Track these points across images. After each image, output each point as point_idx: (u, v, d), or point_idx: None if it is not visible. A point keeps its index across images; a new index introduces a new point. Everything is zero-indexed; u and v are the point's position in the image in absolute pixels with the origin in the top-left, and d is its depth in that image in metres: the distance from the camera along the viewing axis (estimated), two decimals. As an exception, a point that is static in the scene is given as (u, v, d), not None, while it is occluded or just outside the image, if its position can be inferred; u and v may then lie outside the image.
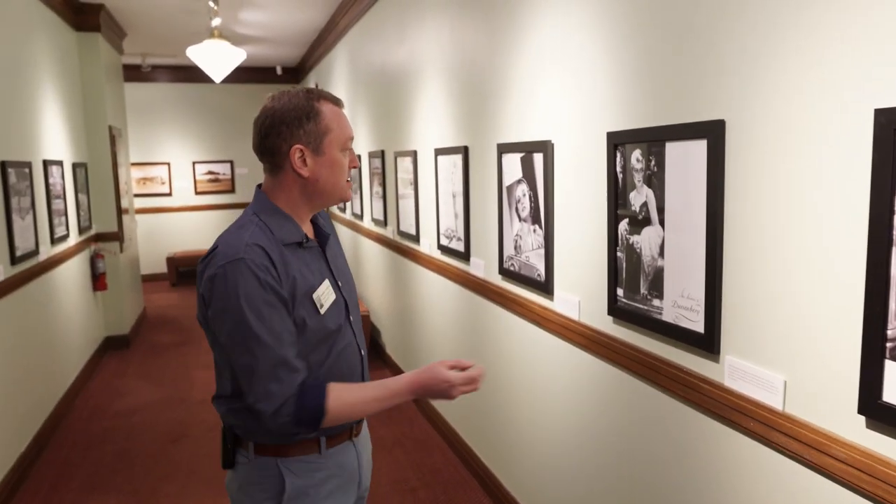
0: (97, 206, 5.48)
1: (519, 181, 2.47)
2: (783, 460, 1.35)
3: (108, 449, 3.63)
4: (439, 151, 3.32)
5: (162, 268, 8.68)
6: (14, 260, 3.39)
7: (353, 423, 1.47)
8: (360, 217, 5.48)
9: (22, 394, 3.43)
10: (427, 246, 3.70)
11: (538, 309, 2.38)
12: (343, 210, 6.32)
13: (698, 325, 1.57)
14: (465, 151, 2.99)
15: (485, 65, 2.74)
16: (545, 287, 2.32)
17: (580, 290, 2.12)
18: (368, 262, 5.36)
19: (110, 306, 5.59)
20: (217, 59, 4.62)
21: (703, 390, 1.56)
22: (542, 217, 2.31)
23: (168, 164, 8.69)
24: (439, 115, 3.33)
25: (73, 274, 4.67)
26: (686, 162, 1.57)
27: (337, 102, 1.42)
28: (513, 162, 2.50)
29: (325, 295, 1.39)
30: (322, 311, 1.37)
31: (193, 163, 8.80)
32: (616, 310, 1.90)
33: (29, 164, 3.73)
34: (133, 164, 7.86)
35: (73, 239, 4.76)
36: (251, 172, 9.02)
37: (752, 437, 1.44)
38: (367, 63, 4.95)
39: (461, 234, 3.12)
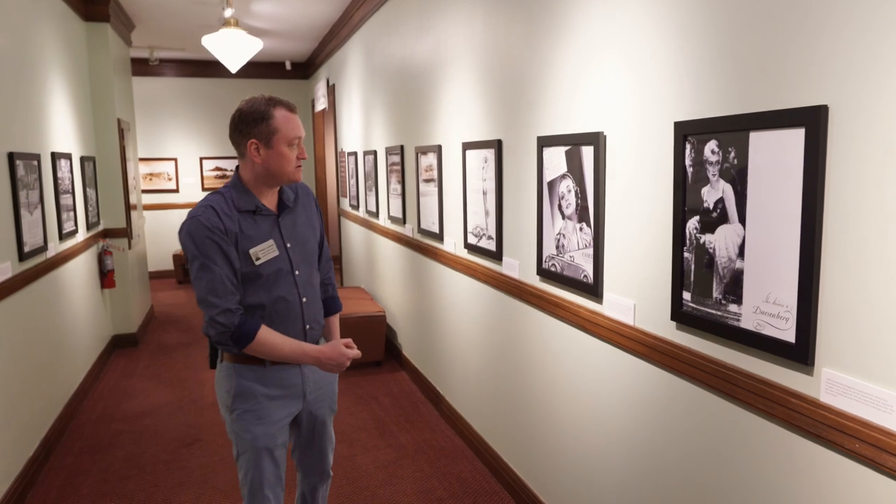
0: (105, 202, 5.34)
1: (563, 176, 2.31)
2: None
3: (118, 454, 3.48)
4: (468, 146, 3.17)
5: (168, 265, 8.53)
6: (22, 256, 3.24)
7: None
8: (376, 215, 5.33)
9: (29, 395, 3.28)
10: (452, 245, 3.54)
11: (584, 313, 2.23)
12: (356, 208, 6.17)
13: (788, 334, 1.42)
14: (498, 145, 2.84)
15: (522, 53, 2.58)
16: (593, 290, 2.17)
17: (635, 294, 1.97)
18: (383, 261, 5.20)
19: (118, 304, 5.45)
20: (233, 48, 4.47)
21: (793, 405, 1.41)
22: (591, 215, 2.15)
23: (175, 159, 8.54)
24: (468, 108, 3.17)
25: (81, 271, 4.53)
26: (777, 153, 1.42)
27: (290, 108, 1.85)
28: (555, 156, 2.35)
29: (262, 251, 1.84)
30: (257, 262, 1.83)
31: (201, 158, 8.65)
32: (681, 315, 1.75)
33: (38, 157, 3.58)
34: (140, 160, 7.72)
35: (82, 235, 4.61)
36: (259, 169, 8.87)
37: (856, 459, 1.28)
38: (384, 57, 4.80)
39: (492, 232, 2.97)
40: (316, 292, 2.01)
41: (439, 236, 3.72)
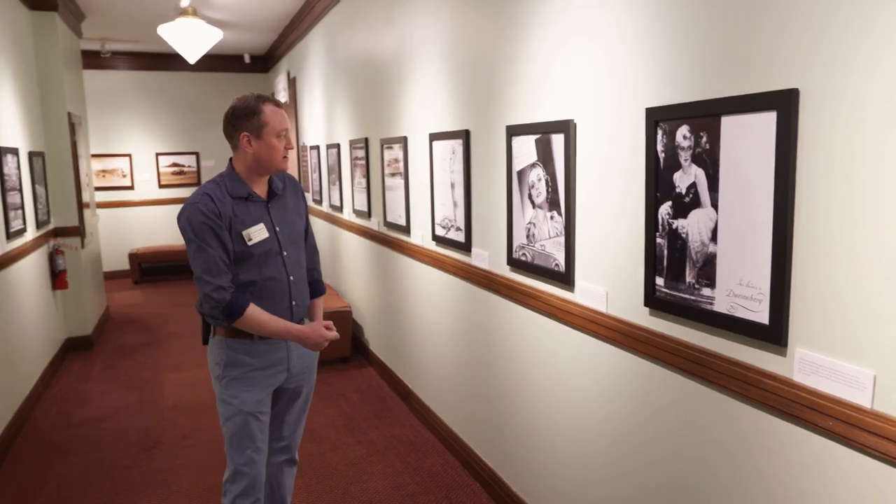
0: (56, 199, 5.12)
1: (533, 165, 2.30)
2: (871, 462, 1.22)
3: (76, 460, 3.34)
4: (435, 137, 3.14)
5: (124, 265, 8.26)
6: (-33, 255, 3.08)
7: None
8: (340, 209, 5.25)
9: (-22, 402, 3.12)
10: (419, 237, 3.51)
11: (556, 301, 2.23)
12: (319, 202, 6.07)
13: (761, 316, 1.43)
14: (466, 136, 2.82)
15: (490, 43, 2.56)
16: (565, 278, 2.17)
17: (608, 281, 1.97)
18: (348, 255, 5.14)
19: (71, 306, 5.24)
20: (191, 38, 4.32)
21: (766, 386, 1.43)
22: (562, 203, 2.15)
23: (129, 155, 8.27)
24: (435, 99, 3.14)
25: (30, 271, 4.33)
26: (749, 137, 1.43)
27: (277, 104, 2.05)
28: (525, 145, 2.33)
29: (255, 232, 2.02)
30: (250, 243, 2.01)
31: (157, 154, 8.40)
32: (655, 301, 1.76)
33: (-18, 151, 3.40)
34: (92, 156, 7.45)
35: (31, 234, 4.41)
36: (218, 164, 8.66)
37: (829, 436, 1.30)
38: (347, 49, 4.72)
39: (461, 223, 2.95)
40: (302, 272, 2.20)
41: (406, 229, 3.68)
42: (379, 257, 4.31)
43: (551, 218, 2.23)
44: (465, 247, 2.92)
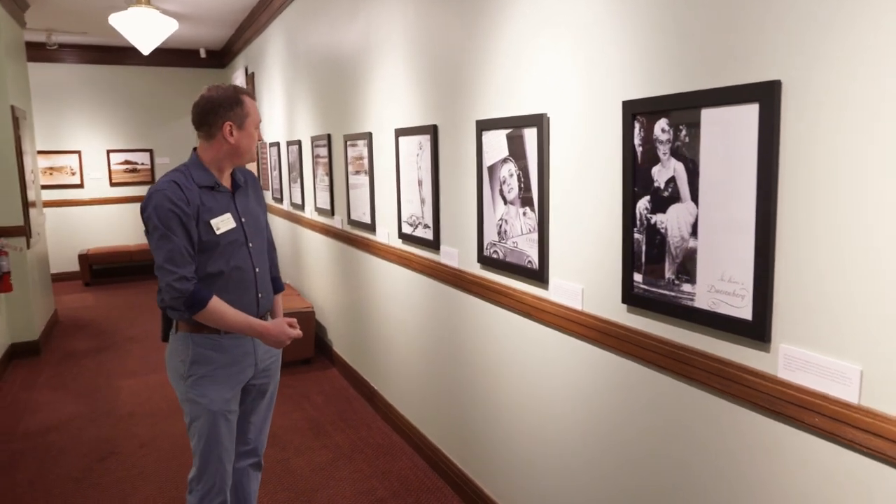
0: (-2, 197, 4.85)
1: (504, 160, 2.25)
2: (858, 458, 1.21)
3: (20, 477, 3.15)
4: (401, 132, 3.06)
5: (73, 266, 7.93)
6: None
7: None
8: (301, 207, 5.12)
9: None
10: (385, 235, 3.43)
11: (529, 299, 2.18)
12: (279, 201, 5.92)
13: (744, 311, 1.41)
14: (433, 131, 2.75)
15: (457, 35, 2.50)
16: (538, 275, 2.12)
17: (583, 278, 1.93)
18: (311, 254, 5.01)
19: (16, 309, 4.98)
20: (145, 28, 4.13)
21: (749, 382, 1.40)
22: (535, 199, 2.10)
23: (79, 152, 7.94)
24: (401, 94, 3.06)
25: (-29, 274, 4.08)
26: (730, 130, 1.40)
27: (252, 96, 2.08)
28: (496, 140, 2.28)
29: (222, 222, 2.00)
30: (217, 232, 1.98)
31: (108, 151, 8.08)
32: (633, 297, 1.72)
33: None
34: (39, 153, 7.10)
35: (-29, 234, 4.16)
36: (173, 162, 8.38)
37: (815, 432, 1.28)
38: (308, 44, 4.60)
39: (429, 220, 2.88)
40: (266, 264, 2.19)
41: (371, 227, 3.59)
42: (343, 256, 4.20)
43: (524, 214, 2.18)
44: (434, 244, 2.85)
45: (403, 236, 3.17)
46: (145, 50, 4.41)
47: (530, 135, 2.09)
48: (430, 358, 3.04)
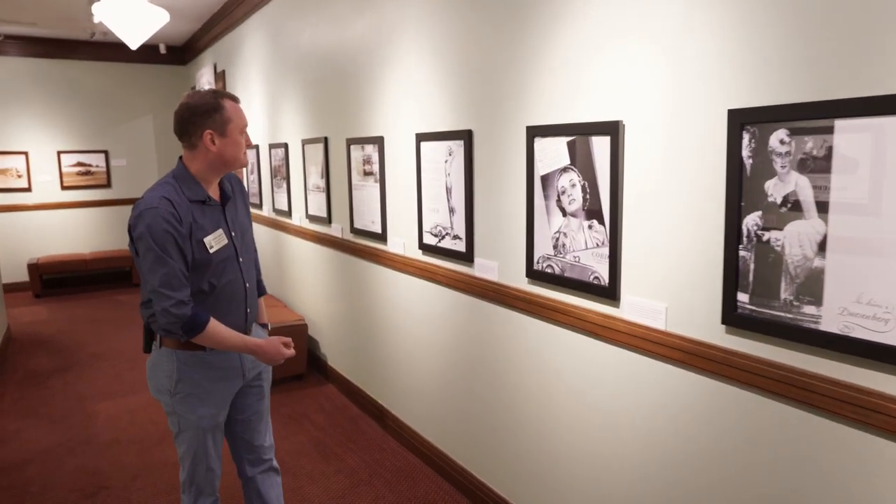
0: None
1: (564, 170, 2.12)
2: None
3: (1, 515, 2.83)
4: (424, 137, 2.89)
5: (22, 276, 7.36)
6: None
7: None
8: (287, 214, 4.86)
9: None
10: (399, 245, 3.25)
11: (594, 317, 2.06)
12: (258, 206, 5.63)
13: (889, 337, 1.32)
14: (468, 136, 2.60)
15: (501, 35, 2.36)
16: (608, 292, 2.00)
17: (666, 296, 1.82)
18: (300, 265, 4.76)
19: (-30, 327, 4.53)
20: (133, 19, 3.80)
21: (892, 412, 1.31)
22: (605, 211, 1.98)
23: (26, 153, 7.37)
24: (425, 97, 2.89)
25: (-75, 290, 3.67)
26: (879, 143, 1.31)
27: (236, 99, 1.98)
28: (553, 147, 2.15)
29: (215, 239, 1.93)
30: (211, 250, 1.91)
31: (58, 153, 7.53)
32: (736, 318, 1.62)
33: None
34: (-18, 154, 6.56)
35: (-76, 245, 3.74)
36: (130, 164, 7.91)
37: (983, 469, 1.20)
38: (298, 41, 4.36)
39: (460, 231, 2.72)
40: (254, 278, 2.15)
41: (381, 237, 3.40)
42: (343, 267, 3.99)
43: (589, 227, 2.05)
44: (466, 257, 2.70)
45: (425, 247, 3.00)
46: (133, 44, 4.07)
47: (600, 143, 1.97)
48: (459, 375, 2.88)
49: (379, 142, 3.32)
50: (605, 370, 2.06)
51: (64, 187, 7.58)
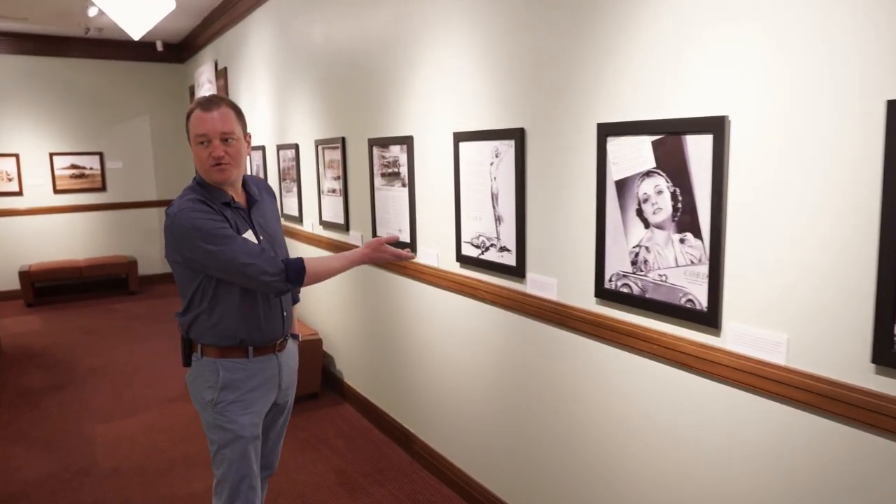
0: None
1: (647, 174, 1.82)
2: None
3: (-10, 565, 2.50)
4: (464, 137, 2.59)
5: (13, 284, 7.01)
6: None
7: (277, 339, 2.04)
8: (298, 220, 4.55)
9: None
10: (432, 257, 2.94)
11: (687, 347, 1.76)
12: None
13: None
14: (519, 136, 2.29)
15: (566, 19, 2.06)
16: (706, 318, 1.70)
17: (787, 326, 1.52)
18: (312, 273, 4.43)
19: (-44, 344, 4.19)
20: (135, 7, 3.48)
21: None
22: (704, 222, 1.68)
23: (16, 155, 7.01)
24: (464, 93, 2.59)
25: None
26: None
27: (205, 106, 1.90)
28: (633, 148, 1.85)
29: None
30: None
31: (51, 154, 7.18)
32: (894, 357, 1.32)
33: None
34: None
35: None
36: (126, 166, 7.57)
37: None
38: (311, 36, 4.04)
39: (509, 243, 2.42)
40: None
41: (409, 247, 3.10)
42: (363, 278, 3.68)
43: (681, 241, 1.75)
44: (515, 272, 2.39)
45: (464, 259, 2.69)
46: (136, 34, 3.77)
47: (699, 142, 1.67)
48: (503, 402, 2.57)
49: (407, 142, 3.01)
50: (701, 408, 1.76)
51: (57, 191, 7.22)
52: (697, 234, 1.70)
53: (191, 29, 6.88)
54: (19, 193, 7.06)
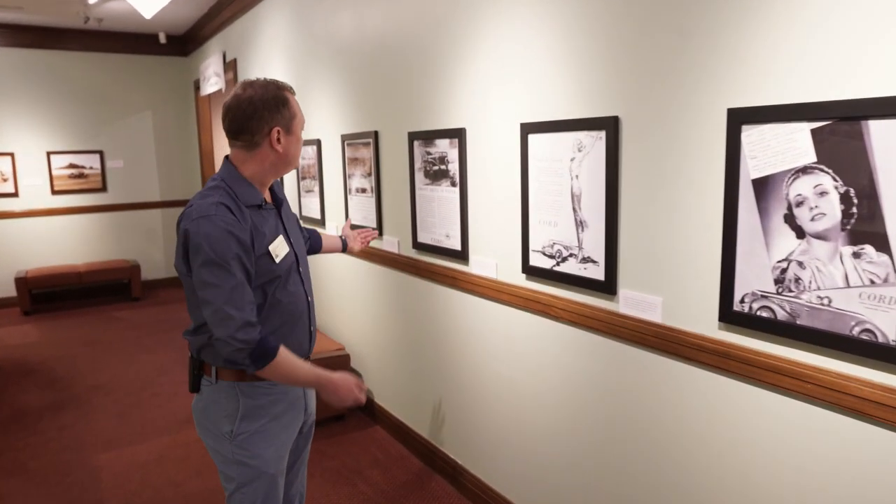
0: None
1: (802, 171, 1.45)
2: None
3: None
4: (535, 128, 2.22)
5: (9, 291, 6.62)
6: None
7: (304, 356, 1.82)
8: (321, 223, 4.17)
9: None
10: (489, 267, 2.57)
11: (864, 390, 1.39)
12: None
13: None
14: (612, 126, 1.92)
15: (683, -18, 1.69)
16: (891, 355, 1.33)
17: None
18: (337, 283, 4.06)
19: (-54, 361, 3.81)
20: None
21: None
22: (891, 231, 1.31)
23: (12, 154, 6.62)
24: (535, 75, 2.21)
25: None
26: None
27: (293, 92, 1.79)
28: (781, 138, 1.48)
29: (279, 247, 1.73)
30: (277, 259, 1.70)
31: (48, 153, 6.78)
32: None
33: None
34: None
35: None
36: (128, 166, 7.18)
37: None
38: (337, 23, 3.66)
39: (595, 253, 2.05)
40: (312, 291, 1.93)
41: (461, 255, 2.72)
42: (400, 289, 3.30)
43: (855, 255, 1.38)
44: (604, 287, 2.02)
45: (533, 271, 2.32)
46: (148, 13, 3.43)
47: (889, 130, 1.30)
48: (587, 439, 2.20)
49: (458, 135, 2.64)
50: (887, 465, 1.39)
51: (55, 192, 6.82)
52: (883, 248, 1.33)
53: (196, 19, 6.48)
54: (15, 195, 6.66)
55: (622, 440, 2.04)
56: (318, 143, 4.05)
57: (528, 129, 2.25)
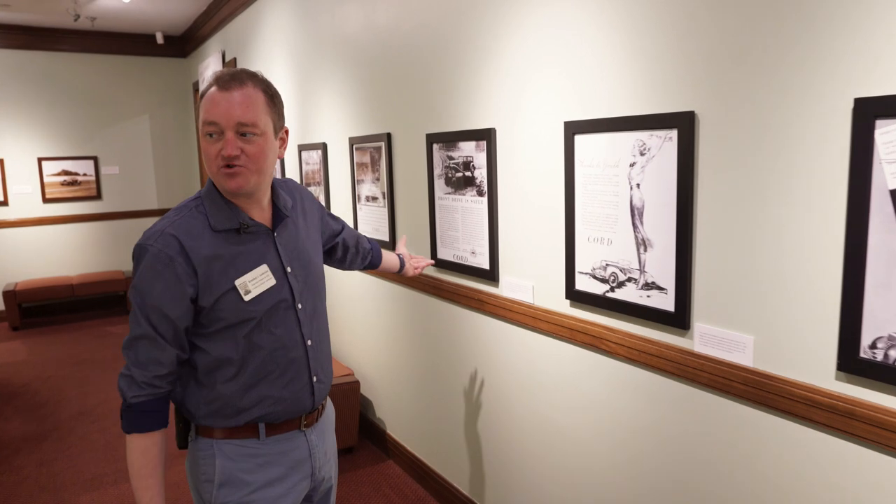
0: None
1: (971, 178, 1.09)
2: None
3: None
4: (583, 128, 1.86)
5: (-4, 305, 6.29)
6: None
7: (304, 412, 1.48)
8: (326, 234, 3.81)
9: None
10: (524, 290, 2.21)
11: None
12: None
13: None
14: (686, 123, 1.57)
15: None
16: None
17: None
18: (344, 302, 3.71)
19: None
20: None
21: None
22: None
23: (1, 161, 6.29)
24: (582, 64, 1.86)
25: None
26: None
27: (221, 84, 1.37)
28: (937, 135, 1.12)
29: (255, 281, 1.40)
30: (247, 297, 1.38)
31: (39, 159, 6.45)
32: None
33: None
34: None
35: None
36: (124, 172, 6.85)
37: None
38: (344, 18, 3.32)
39: (661, 278, 1.69)
40: (324, 332, 1.56)
41: (489, 274, 2.37)
42: (416, 310, 2.95)
43: None
44: (674, 320, 1.66)
45: (579, 297, 1.96)
46: None
47: None
48: (651, 499, 1.84)
49: (486, 137, 2.29)
50: None
51: (46, 200, 6.49)
52: None
53: (195, 18, 6.17)
54: (4, 203, 6.32)
55: (689, 496, 1.68)
56: (323, 146, 3.70)
57: (573, 128, 1.90)
